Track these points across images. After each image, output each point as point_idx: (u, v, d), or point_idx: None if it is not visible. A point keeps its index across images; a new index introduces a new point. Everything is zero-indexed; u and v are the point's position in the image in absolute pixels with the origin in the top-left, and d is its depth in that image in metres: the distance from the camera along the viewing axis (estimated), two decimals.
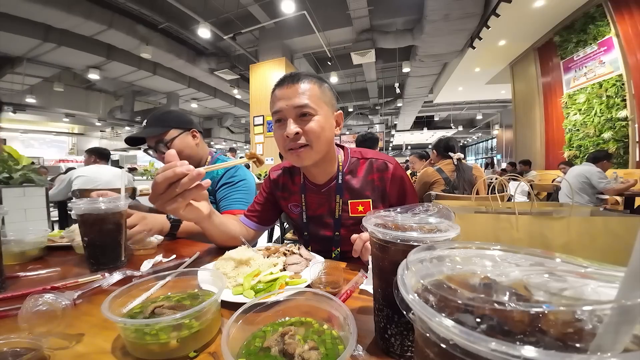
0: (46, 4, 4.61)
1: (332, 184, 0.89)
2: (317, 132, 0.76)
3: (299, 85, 0.75)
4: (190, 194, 0.56)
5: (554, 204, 1.09)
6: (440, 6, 4.79)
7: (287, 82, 0.77)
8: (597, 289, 0.17)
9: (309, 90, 0.76)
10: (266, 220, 0.99)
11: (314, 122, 0.75)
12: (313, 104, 0.75)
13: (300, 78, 0.77)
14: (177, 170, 0.53)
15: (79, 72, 7.80)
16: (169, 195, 0.55)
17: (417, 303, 0.18)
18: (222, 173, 1.26)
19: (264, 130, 6.43)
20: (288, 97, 0.75)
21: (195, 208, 0.65)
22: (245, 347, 0.35)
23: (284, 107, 0.75)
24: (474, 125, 16.04)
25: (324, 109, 0.78)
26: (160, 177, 0.54)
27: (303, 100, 0.74)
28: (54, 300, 0.43)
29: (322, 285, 0.57)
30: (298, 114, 0.75)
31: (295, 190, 0.95)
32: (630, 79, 3.96)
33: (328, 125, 0.79)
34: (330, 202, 0.89)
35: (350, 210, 0.86)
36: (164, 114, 1.24)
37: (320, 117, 0.76)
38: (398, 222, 0.38)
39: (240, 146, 18.23)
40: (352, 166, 0.90)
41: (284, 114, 0.76)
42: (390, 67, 8.47)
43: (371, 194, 0.87)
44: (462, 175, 2.10)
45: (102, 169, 2.74)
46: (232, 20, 5.76)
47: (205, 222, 0.73)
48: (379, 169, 0.88)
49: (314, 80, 0.78)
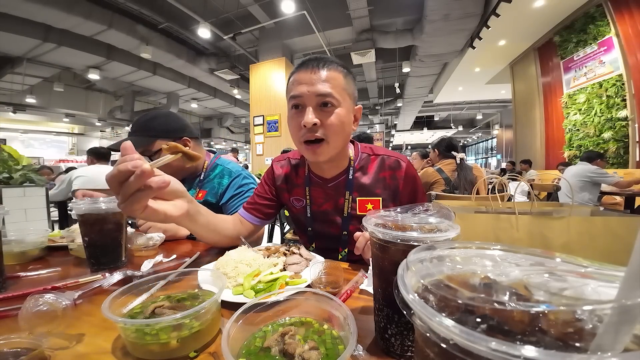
0: (46, 4, 4.61)
1: (340, 179, 0.84)
2: (336, 127, 0.70)
3: (324, 72, 0.69)
4: (144, 194, 0.48)
5: (554, 204, 1.09)
6: (440, 6, 4.79)
7: (311, 65, 0.70)
8: (597, 288, 0.17)
9: (335, 78, 0.70)
10: (266, 213, 0.93)
11: (335, 115, 0.70)
12: (337, 94, 0.70)
13: (327, 63, 0.71)
14: (120, 167, 0.46)
15: (79, 72, 7.80)
16: (123, 197, 0.47)
17: (417, 303, 0.18)
18: (226, 184, 1.16)
19: (264, 130, 6.43)
20: (311, 82, 0.69)
21: (159, 210, 0.54)
22: (246, 347, 0.35)
23: (305, 92, 0.69)
24: (474, 125, 16.04)
25: (347, 101, 0.73)
26: (108, 175, 0.46)
27: (327, 89, 0.68)
28: (54, 300, 0.43)
29: (322, 285, 0.57)
30: (319, 102, 0.69)
31: (298, 183, 0.90)
32: (630, 79, 3.96)
33: (348, 120, 0.74)
34: (337, 198, 0.84)
35: (359, 209, 0.82)
36: (150, 121, 1.09)
37: (342, 110, 0.71)
38: (398, 222, 0.38)
39: (241, 146, 18.24)
40: (362, 162, 0.85)
41: (303, 100, 0.70)
42: (390, 67, 8.47)
43: (382, 192, 0.82)
44: (464, 176, 2.10)
45: (103, 169, 2.74)
46: (232, 20, 5.77)
47: (183, 222, 0.63)
48: (391, 166, 0.83)
49: (341, 68, 0.73)
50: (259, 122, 6.45)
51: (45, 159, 10.76)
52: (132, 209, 0.49)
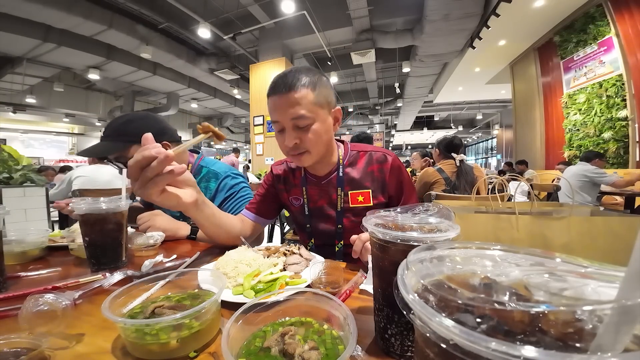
0: (46, 4, 4.61)
1: (332, 176, 0.92)
2: (314, 140, 0.78)
3: (292, 94, 0.73)
4: (163, 179, 0.53)
5: (554, 204, 1.09)
6: (440, 6, 4.79)
7: (279, 89, 0.75)
8: (597, 289, 0.17)
9: (304, 97, 0.74)
10: (266, 213, 1.00)
11: (311, 131, 0.77)
12: (308, 112, 0.75)
13: (293, 85, 0.74)
14: (145, 154, 0.51)
15: (79, 72, 7.80)
16: (142, 181, 0.52)
17: (417, 303, 0.18)
18: (214, 188, 1.11)
19: (264, 130, 6.43)
20: (283, 108, 0.75)
21: (173, 194, 0.60)
22: (246, 347, 0.35)
23: (281, 118, 0.77)
24: (474, 125, 16.04)
25: (320, 113, 0.78)
26: (132, 161, 0.52)
27: (298, 112, 0.74)
28: (54, 300, 0.43)
29: (322, 285, 0.57)
30: (295, 124, 0.76)
31: (296, 184, 0.98)
32: (630, 79, 3.96)
33: (325, 129, 0.80)
34: (330, 193, 0.92)
35: (351, 201, 0.89)
36: (125, 125, 1.02)
37: (317, 124, 0.78)
38: (398, 222, 0.38)
39: (241, 146, 18.23)
40: (351, 159, 0.93)
41: (281, 124, 0.78)
42: (390, 67, 8.46)
43: (371, 184, 0.89)
44: (464, 177, 2.09)
45: (102, 169, 2.74)
46: (232, 20, 5.76)
47: (191, 211, 0.68)
48: (378, 160, 0.90)
49: (308, 83, 0.75)
50: (259, 122, 6.45)
51: (45, 159, 10.75)
52: (150, 192, 0.53)
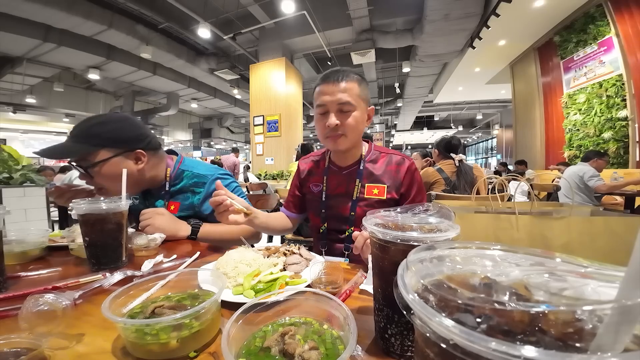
0: (46, 4, 4.61)
1: (353, 168, 1.02)
2: (352, 126, 0.89)
3: (342, 83, 0.87)
4: (229, 212, 0.79)
5: (554, 204, 1.09)
6: (440, 6, 4.79)
7: (332, 78, 0.88)
8: (597, 288, 0.17)
9: (351, 88, 0.88)
10: (301, 207, 1.16)
11: (351, 117, 0.89)
12: (353, 100, 0.88)
13: (344, 76, 0.88)
14: (217, 200, 0.77)
15: (79, 72, 7.80)
16: (217, 212, 0.79)
17: (417, 303, 0.18)
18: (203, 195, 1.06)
19: (264, 130, 6.43)
20: (332, 92, 0.88)
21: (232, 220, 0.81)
22: (246, 347, 0.35)
23: (328, 101, 0.88)
24: (474, 125, 16.03)
25: (361, 105, 0.91)
26: (211, 200, 0.79)
27: (345, 98, 0.87)
28: (54, 300, 0.43)
29: (322, 285, 0.57)
30: (339, 108, 0.88)
31: (318, 173, 1.10)
32: (630, 79, 3.96)
33: (362, 119, 0.92)
34: (349, 183, 1.01)
35: (366, 192, 0.98)
36: (97, 127, 0.92)
37: (357, 113, 0.90)
38: (398, 222, 0.38)
39: (241, 146, 18.23)
40: (373, 156, 1.03)
41: (327, 107, 0.89)
42: (390, 67, 8.46)
43: (387, 180, 0.98)
44: (464, 177, 2.09)
45: None
46: (232, 20, 5.76)
47: (248, 224, 0.87)
48: (397, 162, 1.01)
49: (355, 78, 0.90)
50: (259, 122, 6.45)
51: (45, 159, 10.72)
52: (221, 218, 0.79)
